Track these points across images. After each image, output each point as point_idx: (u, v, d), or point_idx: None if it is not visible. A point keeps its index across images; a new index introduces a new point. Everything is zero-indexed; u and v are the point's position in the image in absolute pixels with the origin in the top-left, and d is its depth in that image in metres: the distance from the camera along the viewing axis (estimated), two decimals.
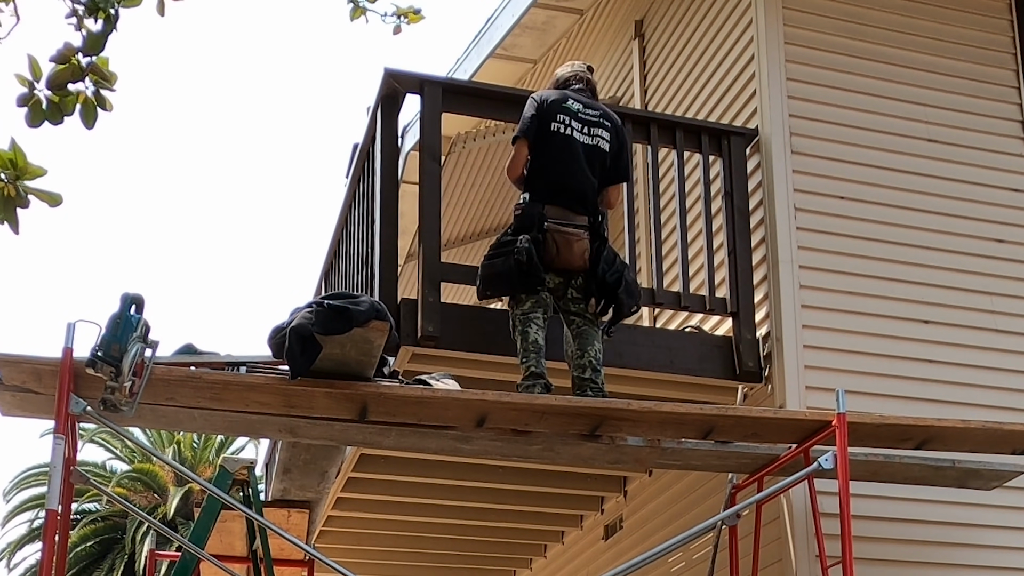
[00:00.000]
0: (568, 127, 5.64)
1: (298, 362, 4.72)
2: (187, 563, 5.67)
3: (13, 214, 3.90)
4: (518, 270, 5.39)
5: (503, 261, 5.44)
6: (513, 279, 5.42)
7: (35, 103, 3.94)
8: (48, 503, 4.51)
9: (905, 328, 6.27)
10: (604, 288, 5.53)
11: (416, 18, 5.09)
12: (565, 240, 5.51)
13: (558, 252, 5.48)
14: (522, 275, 5.40)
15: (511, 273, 5.41)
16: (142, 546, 25.73)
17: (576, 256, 5.52)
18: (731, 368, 6.11)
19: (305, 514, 6.66)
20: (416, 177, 6.10)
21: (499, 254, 5.49)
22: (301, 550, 5.93)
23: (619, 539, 7.64)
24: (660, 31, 7.85)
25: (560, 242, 5.50)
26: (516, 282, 5.43)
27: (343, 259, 7.20)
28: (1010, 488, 6.06)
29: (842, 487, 5.14)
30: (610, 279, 5.52)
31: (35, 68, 3.91)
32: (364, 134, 6.56)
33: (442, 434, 5.28)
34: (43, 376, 4.65)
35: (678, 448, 5.53)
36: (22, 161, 3.88)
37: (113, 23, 3.92)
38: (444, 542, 8.54)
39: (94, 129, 4.02)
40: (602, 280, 5.52)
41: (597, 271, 5.52)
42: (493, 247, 5.57)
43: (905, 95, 6.66)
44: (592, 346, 5.54)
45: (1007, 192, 6.72)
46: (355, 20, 4.96)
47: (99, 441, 28.50)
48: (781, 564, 5.79)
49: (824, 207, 6.34)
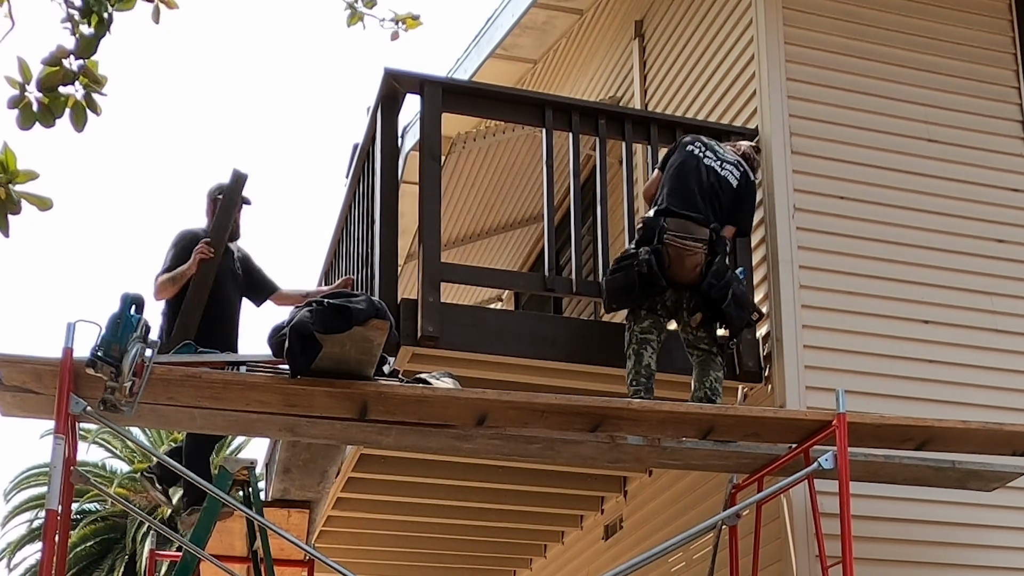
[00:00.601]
0: (703, 153, 5.84)
1: (298, 361, 4.73)
2: (187, 563, 5.67)
3: (3, 218, 3.89)
4: (639, 281, 5.55)
5: (624, 275, 5.63)
6: (635, 290, 5.59)
7: (25, 105, 3.93)
8: (48, 503, 4.51)
9: (905, 328, 6.27)
10: (709, 303, 5.62)
11: (414, 24, 5.10)
12: (678, 253, 5.62)
13: (670, 265, 5.60)
14: (643, 285, 5.56)
15: (633, 285, 5.58)
16: (143, 546, 25.73)
17: (688, 269, 5.62)
18: (731, 368, 6.10)
19: (305, 514, 6.66)
20: (416, 177, 6.10)
21: (620, 268, 5.67)
22: (301, 550, 5.93)
23: (619, 539, 7.63)
24: (660, 31, 7.85)
25: (674, 255, 5.61)
26: (639, 293, 5.59)
27: (343, 259, 7.20)
28: (1010, 488, 6.05)
29: (842, 487, 5.14)
30: (715, 294, 5.59)
31: (25, 70, 3.90)
32: (364, 134, 6.56)
33: (442, 433, 5.28)
34: (43, 376, 4.65)
35: (678, 448, 5.53)
36: (13, 165, 3.87)
37: (106, 26, 3.91)
38: (444, 542, 8.53)
39: (84, 131, 4.01)
40: (706, 294, 5.60)
41: (702, 285, 5.61)
42: (616, 261, 5.75)
43: (905, 95, 6.66)
44: (708, 376, 5.69)
45: (1007, 192, 6.71)
46: (352, 26, 4.97)
47: (100, 441, 28.50)
48: (781, 564, 5.78)
49: (824, 207, 6.34)
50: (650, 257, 5.56)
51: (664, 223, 5.64)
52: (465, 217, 10.12)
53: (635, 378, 5.59)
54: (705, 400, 5.61)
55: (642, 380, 5.58)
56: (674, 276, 5.62)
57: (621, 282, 5.66)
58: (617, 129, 6.38)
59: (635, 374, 5.60)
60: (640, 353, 5.62)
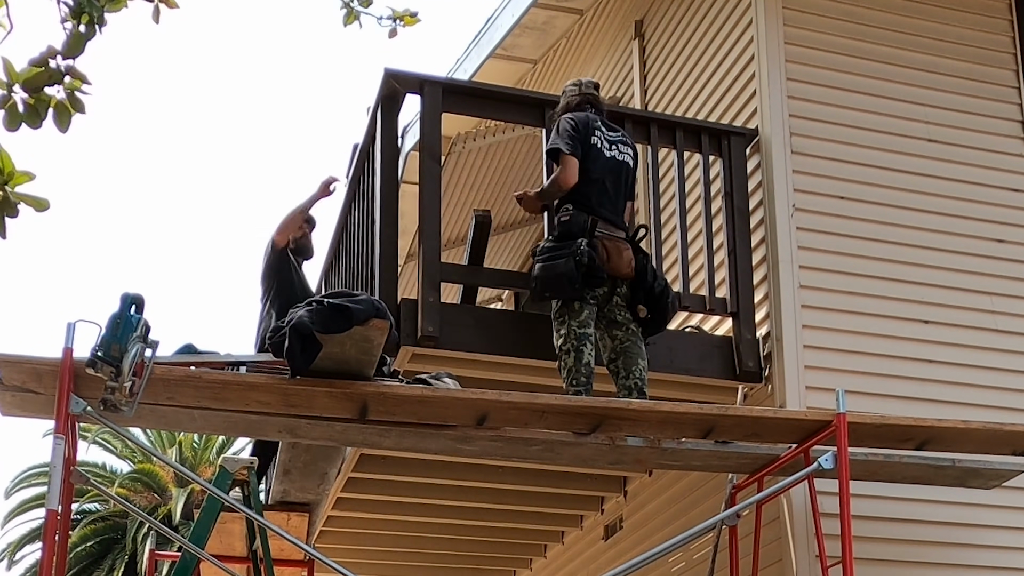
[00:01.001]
0: (602, 143, 5.76)
1: (298, 361, 4.72)
2: (187, 563, 5.67)
3: (1, 220, 3.88)
4: (579, 271, 5.42)
5: (565, 262, 5.43)
6: (575, 280, 5.42)
7: (11, 106, 3.92)
8: (48, 503, 4.50)
9: (905, 328, 6.27)
10: (652, 296, 5.62)
11: (412, 21, 5.10)
12: (616, 248, 5.60)
13: (608, 259, 5.56)
14: (584, 276, 5.43)
15: (573, 274, 5.40)
16: (143, 546, 25.72)
17: (624, 264, 5.62)
18: (731, 368, 6.11)
19: (305, 516, 6.66)
20: (416, 177, 6.10)
21: (558, 256, 5.47)
22: (301, 550, 5.93)
23: (619, 539, 7.63)
24: (660, 31, 7.85)
25: (611, 249, 5.58)
26: (578, 283, 5.44)
27: (343, 259, 7.20)
28: (1010, 488, 6.06)
29: (842, 487, 5.14)
30: (658, 288, 5.63)
31: (11, 71, 3.89)
32: (364, 134, 6.56)
33: (442, 434, 5.28)
34: (43, 376, 4.65)
35: (678, 448, 5.53)
36: (9, 167, 3.86)
37: (97, 26, 3.90)
38: (444, 542, 8.53)
39: (73, 131, 3.99)
40: (650, 288, 5.62)
41: (646, 279, 5.62)
42: (546, 251, 5.56)
43: (905, 95, 6.66)
44: (637, 364, 5.60)
45: (1007, 192, 6.72)
46: (349, 25, 4.97)
47: (100, 442, 28.50)
48: (781, 564, 5.78)
49: (824, 207, 6.34)
50: (590, 250, 5.44)
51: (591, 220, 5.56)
52: (465, 217, 10.11)
53: (575, 377, 5.44)
54: (635, 391, 5.51)
55: (582, 379, 5.44)
56: (613, 270, 5.57)
57: (562, 269, 5.43)
58: None
59: (575, 372, 5.45)
60: (580, 350, 5.46)
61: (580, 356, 5.47)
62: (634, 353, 5.62)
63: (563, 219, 5.63)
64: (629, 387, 5.54)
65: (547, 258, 5.51)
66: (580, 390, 5.43)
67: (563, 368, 5.50)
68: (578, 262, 5.41)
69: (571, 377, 5.47)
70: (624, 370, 5.58)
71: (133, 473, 28.13)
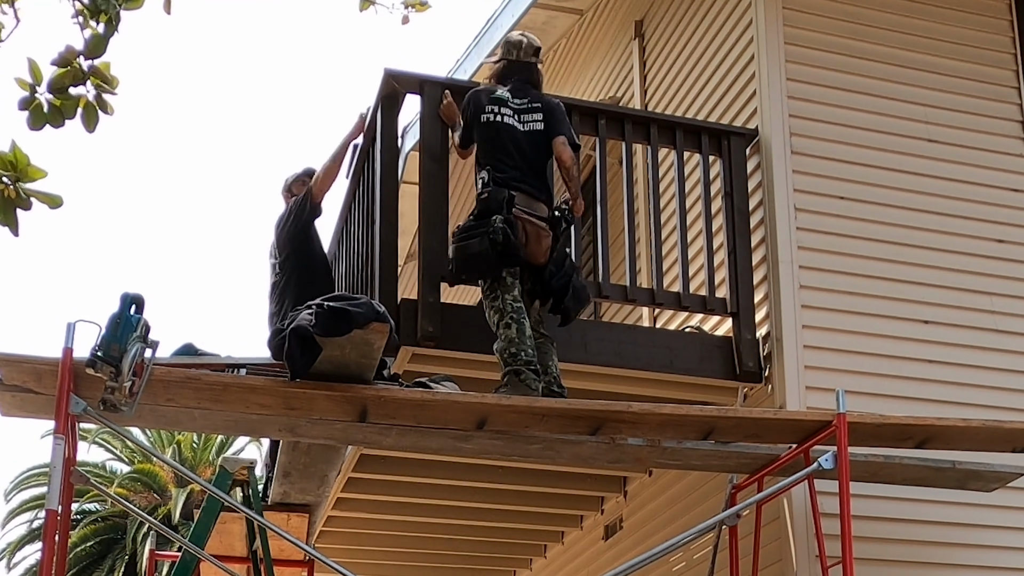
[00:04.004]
0: (501, 117, 5.58)
1: (298, 363, 4.72)
2: (187, 563, 5.68)
3: (13, 216, 3.92)
4: (493, 251, 5.24)
5: (479, 242, 5.26)
6: (490, 259, 5.24)
7: (36, 107, 3.95)
8: (48, 503, 4.51)
9: (905, 328, 6.27)
10: (549, 292, 5.46)
11: (423, 7, 5.17)
12: (536, 232, 5.42)
13: (527, 243, 5.39)
14: (499, 255, 5.25)
15: (488, 253, 5.23)
16: (143, 547, 25.72)
17: (541, 252, 5.45)
18: (731, 368, 6.10)
19: (305, 517, 6.66)
20: (416, 177, 6.10)
21: (471, 235, 5.30)
22: (301, 550, 5.94)
23: (619, 539, 7.63)
24: (660, 31, 7.85)
25: (531, 233, 5.40)
26: (494, 262, 5.27)
27: (343, 259, 7.20)
28: (1010, 488, 6.05)
29: (842, 487, 5.14)
30: (556, 284, 5.43)
31: (35, 71, 3.92)
32: (364, 134, 6.56)
33: (442, 433, 5.28)
34: (43, 376, 4.65)
35: (678, 448, 5.53)
36: (23, 163, 3.89)
37: (115, 25, 3.93)
38: (444, 542, 8.53)
39: (95, 132, 4.03)
40: (547, 284, 5.45)
41: (544, 274, 5.43)
42: (461, 231, 5.39)
43: (905, 95, 6.66)
44: (552, 360, 5.48)
45: (1007, 192, 6.72)
46: (364, 11, 5.03)
47: (100, 442, 28.51)
48: (781, 564, 5.79)
49: (824, 207, 6.34)
50: (505, 227, 5.22)
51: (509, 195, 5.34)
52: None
53: (520, 348, 5.23)
54: (555, 385, 5.38)
55: (529, 352, 5.25)
56: (530, 256, 5.40)
57: (475, 248, 5.23)
58: (617, 129, 6.38)
59: (519, 343, 5.24)
60: (521, 322, 5.26)
61: (522, 328, 5.29)
62: (546, 350, 5.47)
63: (482, 196, 5.44)
64: (548, 382, 5.38)
65: (462, 238, 5.34)
66: (531, 358, 5.24)
67: (504, 341, 5.29)
68: (492, 240, 5.22)
69: (517, 348, 5.25)
70: (540, 365, 5.39)
71: (133, 473, 28.13)
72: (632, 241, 6.25)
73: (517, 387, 5.19)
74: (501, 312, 5.35)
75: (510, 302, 5.35)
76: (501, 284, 5.37)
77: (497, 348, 5.35)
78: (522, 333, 5.29)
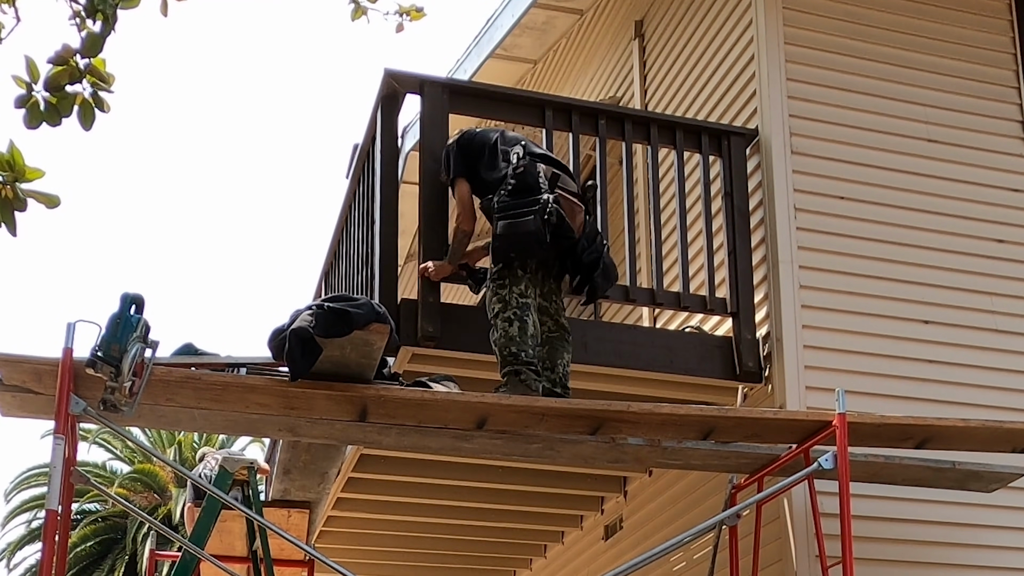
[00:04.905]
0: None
1: (298, 364, 4.72)
2: (187, 563, 5.68)
3: (11, 216, 3.91)
4: (546, 230, 4.94)
5: (534, 219, 4.92)
6: (543, 239, 4.94)
7: (33, 105, 3.95)
8: (48, 503, 4.50)
9: (905, 328, 6.27)
10: (579, 267, 5.27)
11: (418, 15, 5.11)
12: (570, 208, 5.19)
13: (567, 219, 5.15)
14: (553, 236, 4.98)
15: (542, 233, 4.92)
16: (143, 546, 25.75)
17: (576, 227, 5.23)
18: (731, 368, 6.10)
19: (305, 514, 6.67)
20: (416, 177, 6.10)
21: (524, 212, 4.95)
22: (301, 550, 5.94)
23: (619, 539, 7.64)
24: (660, 31, 7.85)
25: (566, 209, 5.15)
26: (547, 242, 4.97)
27: (343, 259, 7.20)
28: (1010, 488, 6.05)
29: (842, 487, 5.14)
30: (587, 259, 5.25)
31: (33, 70, 3.92)
32: (364, 134, 6.56)
33: (442, 432, 5.28)
34: (43, 376, 4.65)
35: (678, 448, 5.53)
36: (20, 163, 3.89)
37: (111, 25, 3.93)
38: (444, 542, 8.54)
39: (92, 130, 4.03)
40: (578, 258, 5.26)
41: (576, 248, 5.23)
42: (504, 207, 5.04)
43: (905, 95, 6.66)
44: (563, 359, 5.36)
45: (1007, 192, 6.71)
46: (356, 20, 4.98)
47: (100, 442, 28.52)
48: (781, 564, 5.79)
49: (824, 207, 6.34)
50: (557, 207, 4.91)
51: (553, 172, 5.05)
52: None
53: (520, 347, 5.07)
54: (559, 386, 5.28)
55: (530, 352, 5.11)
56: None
57: (531, 227, 4.87)
58: (617, 129, 6.38)
59: (519, 343, 5.08)
60: (524, 319, 5.06)
61: (525, 326, 5.11)
62: (559, 347, 5.35)
63: (518, 171, 5.13)
64: (553, 381, 5.30)
65: (513, 215, 5.01)
66: (532, 357, 5.12)
67: (505, 338, 5.15)
68: (546, 220, 4.96)
69: (517, 348, 5.12)
70: (549, 362, 5.31)
71: (133, 473, 28.15)
72: (632, 241, 6.25)
73: (517, 387, 5.18)
74: (505, 303, 5.21)
75: (516, 296, 5.21)
76: (512, 275, 5.20)
77: (495, 341, 5.25)
78: (524, 332, 5.20)
